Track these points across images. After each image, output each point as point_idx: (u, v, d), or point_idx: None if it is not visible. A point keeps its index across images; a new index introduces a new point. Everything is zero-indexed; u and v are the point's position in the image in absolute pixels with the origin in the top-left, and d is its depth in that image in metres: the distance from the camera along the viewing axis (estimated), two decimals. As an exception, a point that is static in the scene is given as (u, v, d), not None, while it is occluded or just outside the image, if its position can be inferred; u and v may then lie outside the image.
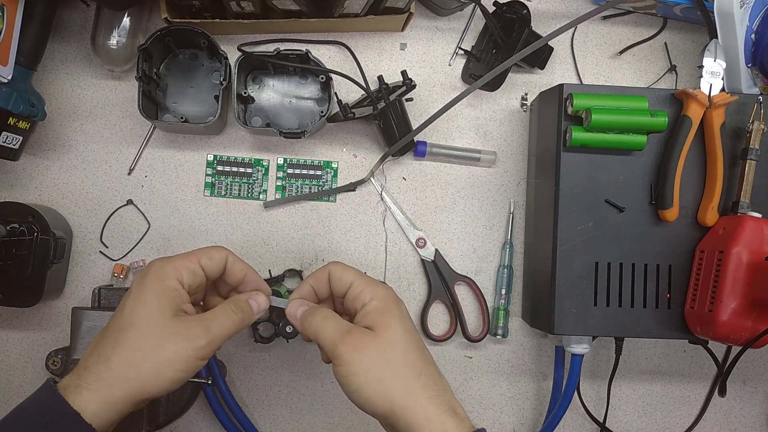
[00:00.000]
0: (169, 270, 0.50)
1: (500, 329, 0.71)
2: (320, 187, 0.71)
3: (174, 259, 0.51)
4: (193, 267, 0.51)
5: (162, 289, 0.49)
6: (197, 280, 0.51)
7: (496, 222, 0.73)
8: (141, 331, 0.47)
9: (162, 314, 0.48)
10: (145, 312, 0.48)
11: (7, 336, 0.69)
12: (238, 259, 0.54)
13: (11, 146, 0.63)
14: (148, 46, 0.64)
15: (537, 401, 0.73)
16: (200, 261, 0.52)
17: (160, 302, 0.48)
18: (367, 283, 0.53)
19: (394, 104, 0.67)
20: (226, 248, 0.54)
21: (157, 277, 0.49)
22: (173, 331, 0.48)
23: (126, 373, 0.46)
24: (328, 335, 0.50)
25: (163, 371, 0.47)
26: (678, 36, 0.75)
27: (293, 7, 0.65)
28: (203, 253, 0.52)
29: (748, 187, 0.62)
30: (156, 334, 0.47)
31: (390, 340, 0.50)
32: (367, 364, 0.48)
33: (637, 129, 0.61)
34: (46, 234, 0.63)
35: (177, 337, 0.48)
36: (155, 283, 0.49)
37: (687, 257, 0.64)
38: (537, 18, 0.72)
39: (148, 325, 0.48)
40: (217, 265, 0.53)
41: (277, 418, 0.71)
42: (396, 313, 0.51)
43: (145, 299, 0.48)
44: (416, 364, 0.50)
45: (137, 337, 0.47)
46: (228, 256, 0.53)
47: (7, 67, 0.60)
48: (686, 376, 0.74)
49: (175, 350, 0.47)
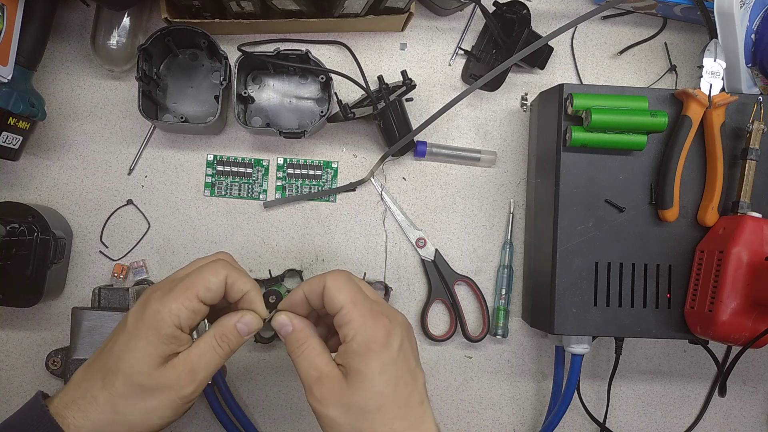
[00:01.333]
0: (164, 315, 0.47)
1: (500, 329, 0.71)
2: (320, 187, 0.71)
3: (171, 300, 0.47)
4: (192, 305, 0.48)
5: (156, 339, 0.47)
6: (197, 318, 0.49)
7: (496, 222, 0.73)
8: (127, 380, 0.46)
9: (150, 363, 0.47)
10: (133, 361, 0.47)
11: (7, 336, 0.69)
12: (239, 275, 0.50)
13: (11, 146, 0.63)
14: (148, 46, 0.64)
15: (537, 401, 0.73)
16: (198, 295, 0.48)
17: (150, 352, 0.47)
18: (356, 316, 0.48)
19: (394, 104, 0.67)
20: (224, 262, 0.50)
21: (153, 326, 0.47)
22: (159, 382, 0.47)
23: (112, 418, 0.46)
24: (301, 373, 0.49)
25: (149, 419, 0.47)
26: (678, 36, 0.75)
27: (293, 7, 0.65)
28: (201, 284, 0.48)
29: (748, 187, 0.62)
30: (142, 385, 0.47)
31: (359, 397, 0.46)
32: (331, 419, 0.47)
33: (637, 129, 0.61)
34: (46, 234, 0.63)
35: (163, 389, 0.47)
36: (150, 332, 0.47)
37: (687, 257, 0.64)
38: (537, 18, 0.72)
39: (135, 376, 0.46)
40: (217, 293, 0.49)
41: (277, 418, 0.71)
42: (376, 362, 0.47)
43: (136, 346, 0.47)
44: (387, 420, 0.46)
45: (123, 386, 0.46)
46: (228, 276, 0.49)
47: (7, 67, 0.60)
48: (686, 376, 0.74)
49: (161, 400, 0.47)
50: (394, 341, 0.48)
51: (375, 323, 0.48)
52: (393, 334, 0.48)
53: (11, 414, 0.48)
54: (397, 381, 0.47)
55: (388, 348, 0.47)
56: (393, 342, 0.48)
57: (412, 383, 0.48)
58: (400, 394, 0.47)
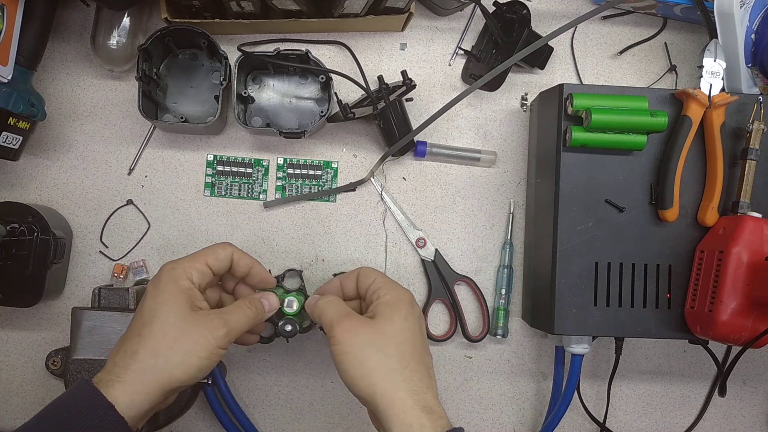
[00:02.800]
0: (180, 272, 0.53)
1: (500, 329, 0.71)
2: (320, 187, 0.71)
3: (183, 261, 0.54)
4: (201, 268, 0.54)
5: (177, 289, 0.52)
6: (206, 279, 0.55)
7: (496, 222, 0.73)
8: (163, 324, 0.50)
9: (181, 309, 0.51)
10: (165, 308, 0.51)
11: (7, 336, 0.69)
12: (243, 254, 0.58)
13: (11, 146, 0.63)
14: (148, 46, 0.64)
15: (537, 401, 0.73)
16: (207, 261, 0.55)
17: (176, 299, 0.51)
18: (387, 282, 0.56)
19: (394, 104, 0.67)
20: (231, 244, 0.58)
21: (170, 279, 0.53)
22: (194, 322, 0.51)
23: (153, 363, 0.49)
24: (328, 316, 0.54)
25: (188, 358, 0.50)
26: (678, 36, 0.75)
27: (293, 7, 0.65)
28: (210, 252, 0.56)
29: (748, 187, 0.62)
30: (177, 326, 0.50)
31: (385, 330, 0.52)
32: (357, 346, 0.51)
33: (637, 129, 0.61)
34: (46, 234, 0.63)
35: (198, 327, 0.51)
36: (169, 284, 0.52)
37: (687, 257, 0.64)
38: (537, 18, 0.72)
39: (169, 319, 0.50)
40: (224, 263, 0.56)
41: (277, 418, 0.71)
42: (402, 311, 0.53)
43: (163, 298, 0.52)
44: (405, 357, 0.51)
45: (160, 330, 0.50)
46: (234, 253, 0.57)
47: (7, 67, 0.60)
48: (686, 376, 0.74)
49: (197, 339, 0.50)
50: (416, 308, 0.55)
51: (403, 289, 0.56)
52: (416, 304, 0.56)
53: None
54: (414, 333, 0.53)
55: (413, 308, 0.55)
56: (416, 308, 0.55)
57: (426, 349, 0.54)
58: (417, 346, 0.53)
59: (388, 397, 0.49)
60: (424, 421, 0.49)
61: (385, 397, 0.50)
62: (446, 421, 0.50)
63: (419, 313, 0.55)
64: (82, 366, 0.61)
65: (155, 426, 0.64)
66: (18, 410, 0.69)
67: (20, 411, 0.69)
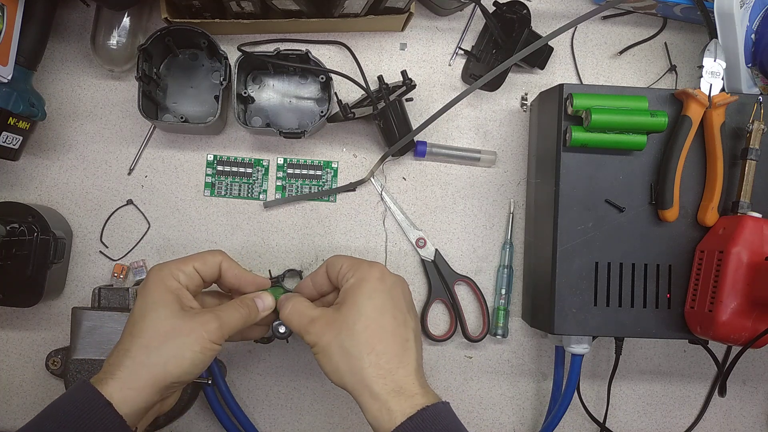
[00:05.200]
0: (166, 273, 0.53)
1: (500, 329, 0.71)
2: (320, 187, 0.71)
3: (170, 264, 0.54)
4: (188, 270, 0.54)
5: (164, 288, 0.52)
6: (194, 282, 0.55)
7: (496, 222, 0.73)
8: (154, 320, 0.50)
9: (170, 306, 0.51)
10: (154, 306, 0.51)
11: (7, 336, 0.69)
12: (232, 265, 0.57)
13: (11, 146, 0.63)
14: (148, 46, 0.64)
15: (537, 401, 0.73)
16: (195, 265, 0.55)
17: (165, 297, 0.52)
18: (353, 264, 0.55)
19: (394, 104, 0.67)
20: (221, 253, 0.57)
21: (158, 280, 0.53)
22: (185, 318, 0.51)
23: (146, 359, 0.49)
24: (295, 325, 0.55)
25: (181, 352, 0.50)
26: (678, 36, 0.75)
27: (293, 7, 0.65)
28: (198, 258, 0.56)
29: (748, 187, 0.62)
30: (168, 321, 0.50)
31: (348, 318, 0.52)
32: (325, 345, 0.52)
33: (637, 129, 0.61)
34: (46, 234, 0.63)
35: (189, 322, 0.51)
36: (157, 284, 0.53)
37: (687, 257, 0.64)
38: (537, 18, 0.72)
39: (160, 315, 0.51)
40: (211, 270, 0.56)
41: (277, 418, 0.71)
42: (366, 290, 0.53)
43: (152, 297, 0.52)
44: (370, 341, 0.51)
45: (151, 326, 0.50)
46: (222, 262, 0.57)
47: (7, 67, 0.60)
48: (686, 376, 0.74)
49: (189, 332, 0.50)
50: (387, 279, 0.54)
51: (370, 266, 0.54)
52: (386, 276, 0.54)
53: None
54: (383, 310, 0.52)
55: (381, 282, 0.53)
56: (386, 279, 0.54)
57: (402, 321, 0.53)
58: (387, 323, 0.52)
59: (357, 389, 0.50)
60: (392, 404, 0.48)
61: (354, 389, 0.50)
62: (420, 399, 0.49)
63: (391, 282, 0.54)
64: (82, 366, 0.61)
65: (155, 426, 0.64)
66: (18, 410, 0.69)
67: (20, 411, 0.69)
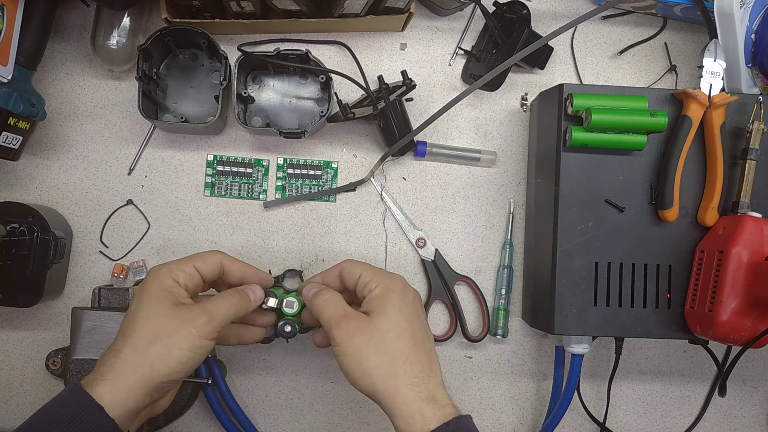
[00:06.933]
0: (164, 272, 0.54)
1: (500, 329, 0.71)
2: (320, 187, 0.71)
3: (170, 263, 0.55)
4: (188, 270, 0.55)
5: (160, 287, 0.53)
6: (194, 281, 0.55)
7: (496, 222, 0.73)
8: (144, 320, 0.51)
9: (162, 305, 0.52)
10: (146, 305, 0.52)
11: (7, 336, 0.69)
12: (234, 261, 0.58)
13: (11, 146, 0.63)
14: (148, 46, 0.64)
15: (537, 401, 0.73)
16: (195, 264, 0.55)
17: (159, 296, 0.52)
18: (375, 273, 0.56)
19: (394, 104, 0.67)
20: (221, 252, 0.58)
21: (155, 279, 0.53)
22: (173, 315, 0.51)
23: (134, 359, 0.49)
24: (327, 316, 0.54)
25: (168, 351, 0.50)
26: (678, 36, 0.75)
27: (293, 7, 0.65)
28: (198, 257, 0.56)
29: (748, 187, 0.62)
30: (158, 320, 0.51)
31: (381, 326, 0.52)
32: (356, 347, 0.52)
33: (637, 129, 0.61)
34: (46, 234, 0.63)
35: (177, 320, 0.51)
36: (153, 283, 0.53)
37: (687, 257, 0.64)
38: (537, 18, 0.72)
39: (150, 315, 0.51)
40: (212, 268, 0.56)
41: (277, 418, 0.71)
42: (396, 301, 0.54)
43: (146, 297, 0.52)
44: (404, 350, 0.52)
45: (141, 326, 0.51)
46: (223, 259, 0.57)
47: (7, 67, 0.60)
48: (686, 376, 0.74)
49: (177, 330, 0.50)
50: (409, 292, 0.56)
51: (392, 277, 0.56)
52: (408, 288, 0.56)
53: None
54: (411, 322, 0.54)
55: (406, 294, 0.55)
56: (409, 292, 0.56)
57: (426, 333, 0.55)
58: (416, 333, 0.53)
59: (389, 394, 0.50)
60: (426, 411, 0.49)
61: (386, 394, 0.50)
62: (451, 409, 0.50)
63: (413, 295, 0.56)
64: (82, 366, 0.61)
65: (155, 426, 0.64)
66: (18, 410, 0.69)
67: (20, 411, 0.69)
